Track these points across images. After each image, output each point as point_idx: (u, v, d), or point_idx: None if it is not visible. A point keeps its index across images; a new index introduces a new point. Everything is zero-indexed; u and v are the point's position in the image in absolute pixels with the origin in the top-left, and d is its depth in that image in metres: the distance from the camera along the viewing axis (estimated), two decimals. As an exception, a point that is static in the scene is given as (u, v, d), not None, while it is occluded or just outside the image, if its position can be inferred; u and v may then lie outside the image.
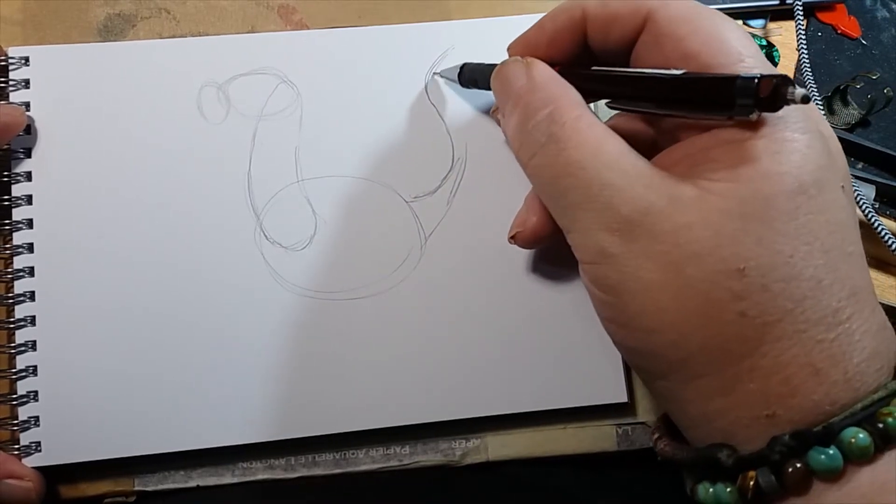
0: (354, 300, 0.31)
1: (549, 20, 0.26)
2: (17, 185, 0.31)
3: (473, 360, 0.31)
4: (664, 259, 0.21)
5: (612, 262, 0.22)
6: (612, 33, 0.25)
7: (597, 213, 0.22)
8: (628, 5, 0.24)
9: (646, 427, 0.32)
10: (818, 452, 0.19)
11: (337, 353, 0.31)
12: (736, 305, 0.20)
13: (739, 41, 0.22)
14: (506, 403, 0.31)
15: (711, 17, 0.23)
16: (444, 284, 0.32)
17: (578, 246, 0.23)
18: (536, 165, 0.24)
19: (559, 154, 0.23)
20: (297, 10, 0.34)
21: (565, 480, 0.32)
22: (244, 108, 0.32)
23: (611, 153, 0.22)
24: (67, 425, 0.30)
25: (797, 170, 0.20)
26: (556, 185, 0.23)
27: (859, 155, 0.38)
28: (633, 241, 0.21)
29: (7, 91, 0.32)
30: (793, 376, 0.20)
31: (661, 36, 0.23)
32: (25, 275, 0.30)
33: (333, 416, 0.30)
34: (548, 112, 0.24)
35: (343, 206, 0.32)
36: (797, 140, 0.21)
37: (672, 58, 0.23)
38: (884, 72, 0.39)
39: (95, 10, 0.33)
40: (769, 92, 0.19)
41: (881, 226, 0.32)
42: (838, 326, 0.20)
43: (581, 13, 0.25)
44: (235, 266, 0.31)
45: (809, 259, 0.20)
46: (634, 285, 0.21)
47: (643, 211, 0.21)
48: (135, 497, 0.30)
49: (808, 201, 0.20)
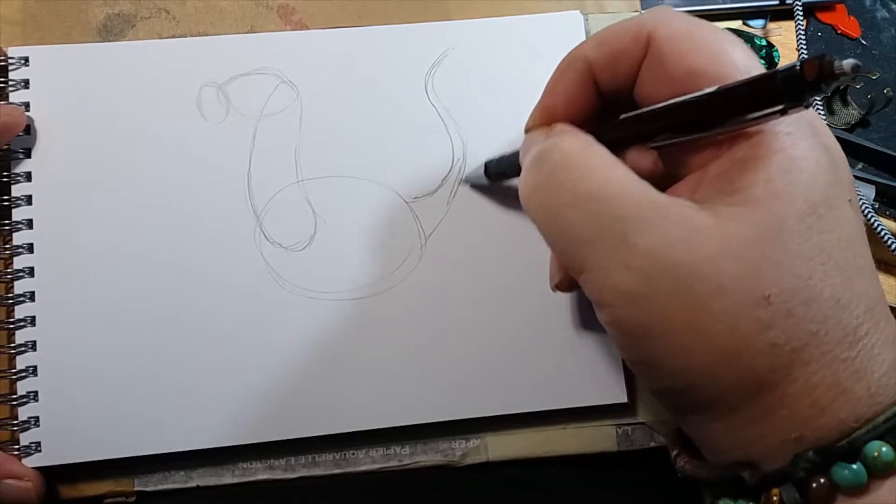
0: (354, 300, 0.31)
1: (556, 82, 0.25)
2: (17, 186, 0.31)
3: (473, 361, 0.31)
4: (689, 295, 0.20)
5: (634, 303, 0.20)
6: (620, 70, 0.24)
7: (611, 249, 0.21)
8: (627, 35, 0.23)
9: (646, 427, 0.32)
10: (842, 468, 0.19)
11: (337, 353, 0.31)
12: (765, 335, 0.20)
13: (743, 53, 0.22)
14: (506, 404, 0.31)
15: (711, 31, 0.23)
16: (444, 284, 0.32)
17: (594, 288, 0.22)
18: (539, 199, 0.23)
19: (563, 184, 0.22)
20: (296, 10, 0.34)
21: (565, 481, 0.32)
22: (244, 108, 0.32)
23: (621, 183, 0.21)
24: (67, 425, 0.30)
25: (808, 189, 0.20)
26: (560, 219, 0.22)
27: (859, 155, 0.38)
28: (655, 280, 0.20)
29: (7, 91, 0.32)
30: (821, 398, 0.20)
31: (663, 56, 0.23)
32: (25, 275, 0.30)
33: (333, 416, 0.30)
34: (553, 144, 0.23)
35: (343, 206, 0.32)
36: (807, 157, 0.20)
37: (677, 77, 0.22)
38: (884, 72, 0.39)
39: (95, 10, 0.33)
40: (815, 73, 0.18)
41: (881, 226, 0.32)
42: (858, 343, 0.20)
43: (584, 63, 0.24)
44: (235, 266, 0.31)
45: (826, 279, 0.20)
46: (659, 329, 0.20)
47: (662, 244, 0.20)
48: (135, 497, 0.30)
49: (819, 220, 0.20)
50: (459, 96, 0.33)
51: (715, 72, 0.21)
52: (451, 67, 0.33)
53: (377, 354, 0.31)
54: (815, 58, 0.18)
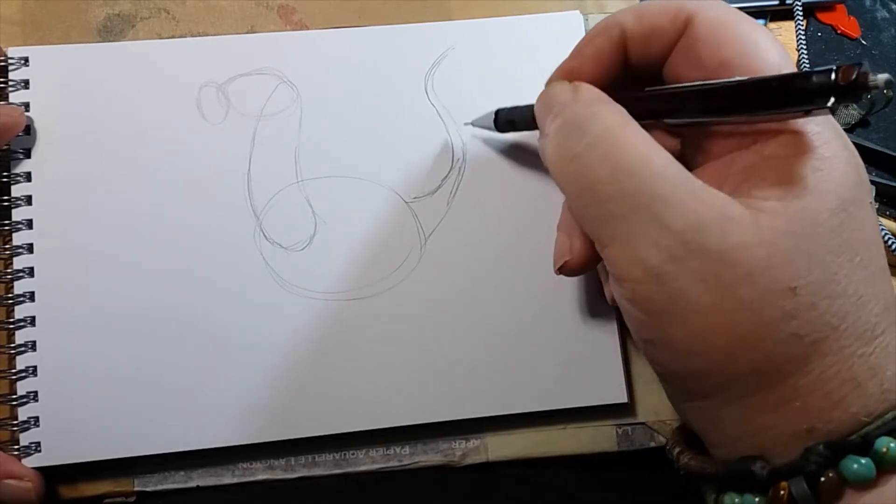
0: (354, 300, 0.31)
1: (587, 45, 0.25)
2: (17, 186, 0.31)
3: (473, 361, 0.31)
4: (717, 280, 0.20)
5: (659, 281, 0.21)
6: (653, 46, 0.24)
7: (644, 226, 0.21)
8: (667, 14, 0.23)
9: (646, 427, 0.32)
10: (852, 461, 0.20)
11: (337, 353, 0.31)
12: (787, 325, 0.20)
13: (777, 50, 0.22)
14: (506, 404, 0.31)
15: (749, 24, 0.23)
16: (444, 284, 0.32)
17: (619, 262, 0.22)
18: (576, 169, 0.22)
19: (605, 157, 0.22)
20: (296, 10, 0.34)
21: (565, 481, 0.32)
22: (244, 109, 0.32)
23: (661, 163, 0.21)
24: (67, 426, 0.30)
25: (839, 187, 0.20)
26: (596, 191, 0.22)
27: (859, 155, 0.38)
28: (683, 260, 0.20)
29: (6, 91, 0.32)
30: (835, 391, 0.20)
31: (699, 41, 0.23)
32: (25, 275, 0.30)
33: (333, 416, 0.30)
34: (593, 113, 0.23)
35: (343, 207, 0.32)
36: (838, 156, 0.21)
37: (709, 64, 0.22)
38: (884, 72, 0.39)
39: (95, 11, 0.33)
40: (850, 80, 0.19)
41: (881, 226, 0.32)
42: (875, 340, 0.20)
43: (619, 32, 0.24)
44: (235, 266, 0.31)
45: (852, 275, 0.20)
46: (682, 307, 0.20)
47: (695, 228, 0.20)
48: (134, 497, 0.30)
49: (849, 217, 0.20)
50: (459, 96, 0.33)
51: (746, 64, 0.22)
52: (451, 67, 0.33)
53: (377, 354, 0.31)
54: (851, 65, 0.19)
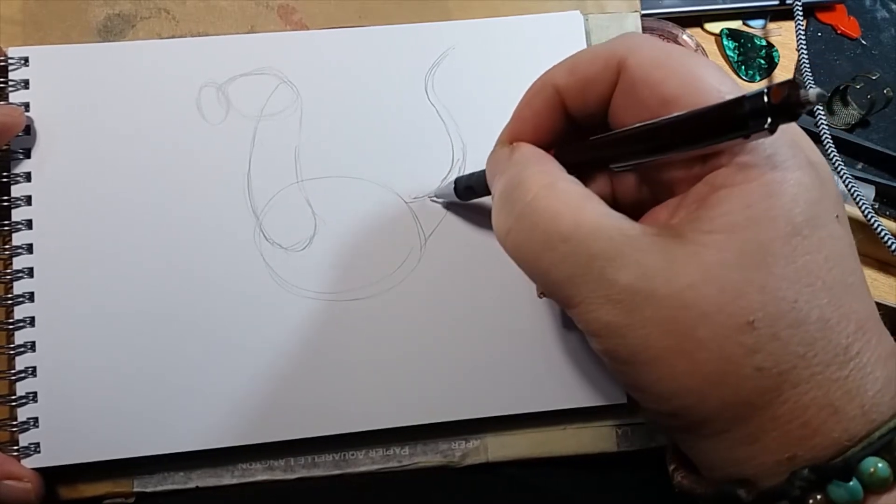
0: (354, 301, 0.31)
1: (525, 107, 0.25)
2: (17, 186, 0.31)
3: (473, 361, 0.31)
4: (672, 325, 0.20)
5: (619, 334, 0.21)
6: (590, 97, 0.24)
7: (592, 286, 0.21)
8: (598, 62, 0.23)
9: (646, 427, 0.32)
10: (838, 486, 0.19)
11: (337, 353, 0.31)
12: (751, 360, 0.20)
13: (715, 78, 0.22)
14: (506, 404, 0.31)
15: (684, 57, 0.22)
16: (444, 284, 0.32)
17: (581, 321, 0.22)
18: (514, 242, 0.23)
19: (535, 227, 0.22)
20: (296, 10, 0.34)
21: (565, 481, 0.32)
22: (244, 109, 0.32)
23: (593, 220, 0.21)
24: (66, 426, 0.30)
25: (790, 212, 0.20)
26: (539, 262, 0.22)
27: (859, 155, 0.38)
28: (637, 311, 0.20)
29: (6, 91, 0.32)
30: (813, 418, 0.20)
31: (636, 84, 0.22)
32: (25, 276, 0.30)
33: (333, 417, 0.30)
34: (521, 181, 0.23)
35: (343, 207, 0.32)
36: (787, 180, 0.20)
37: (650, 104, 0.22)
38: (884, 72, 0.39)
39: (95, 11, 0.33)
40: (781, 99, 0.18)
41: (881, 226, 0.32)
42: (850, 362, 0.20)
43: (553, 89, 0.24)
44: (235, 267, 0.31)
45: (814, 300, 0.20)
46: (646, 355, 0.21)
47: (642, 277, 0.20)
48: (134, 498, 0.30)
49: (803, 241, 0.20)
50: (459, 96, 0.33)
51: (688, 98, 0.21)
52: (451, 68, 0.33)
53: (377, 355, 0.31)
54: (781, 84, 0.18)
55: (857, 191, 0.32)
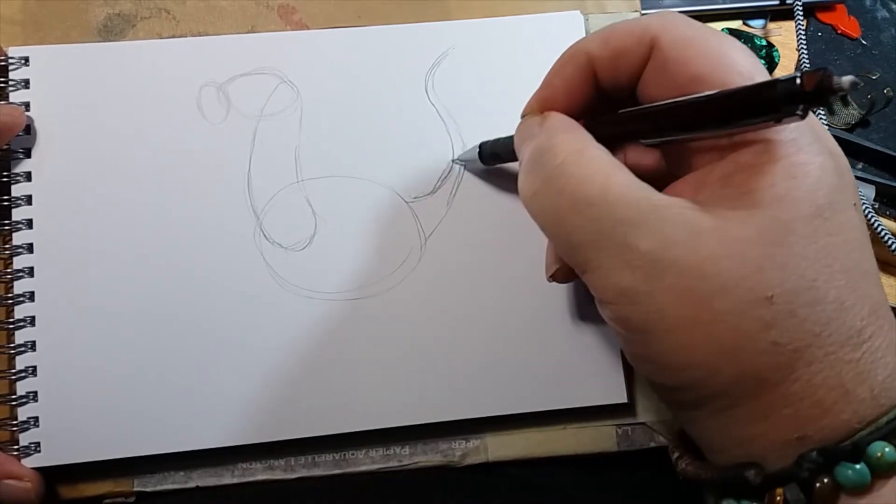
0: (354, 300, 0.31)
1: (555, 75, 0.25)
2: (17, 186, 0.31)
3: (473, 361, 0.31)
4: (690, 294, 0.20)
5: (635, 301, 0.21)
6: (621, 69, 0.24)
7: (613, 250, 0.21)
8: (632, 36, 0.23)
9: (646, 427, 0.32)
10: (846, 468, 0.19)
11: (337, 353, 0.31)
12: (767, 334, 0.20)
13: (747, 60, 0.22)
14: (506, 404, 0.31)
15: (716, 37, 0.23)
16: (444, 284, 0.32)
17: (597, 286, 0.22)
18: (540, 205, 0.23)
19: (562, 190, 0.22)
20: (296, 9, 0.34)
21: (565, 481, 0.32)
22: (244, 108, 0.32)
23: (620, 187, 0.21)
24: (67, 426, 0.30)
25: (813, 193, 0.20)
26: (562, 224, 0.22)
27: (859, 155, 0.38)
28: (656, 279, 0.20)
29: (7, 91, 0.32)
30: (824, 398, 0.20)
31: (667, 61, 0.23)
32: (25, 275, 0.30)
33: (333, 416, 0.30)
34: (551, 146, 0.23)
35: (343, 206, 0.32)
36: (811, 163, 0.21)
37: (681, 82, 0.22)
38: (884, 72, 0.39)
39: (95, 10, 0.33)
40: (814, 85, 0.19)
41: (881, 226, 0.32)
42: (863, 345, 0.20)
43: (586, 58, 0.24)
44: (235, 266, 0.31)
45: (832, 281, 0.20)
46: (662, 324, 0.21)
47: (663, 246, 0.20)
48: (134, 497, 0.30)
49: (824, 223, 0.20)
50: (459, 96, 0.33)
51: (718, 78, 0.21)
52: (450, 67, 0.33)
53: (377, 355, 0.31)
54: (814, 70, 0.19)
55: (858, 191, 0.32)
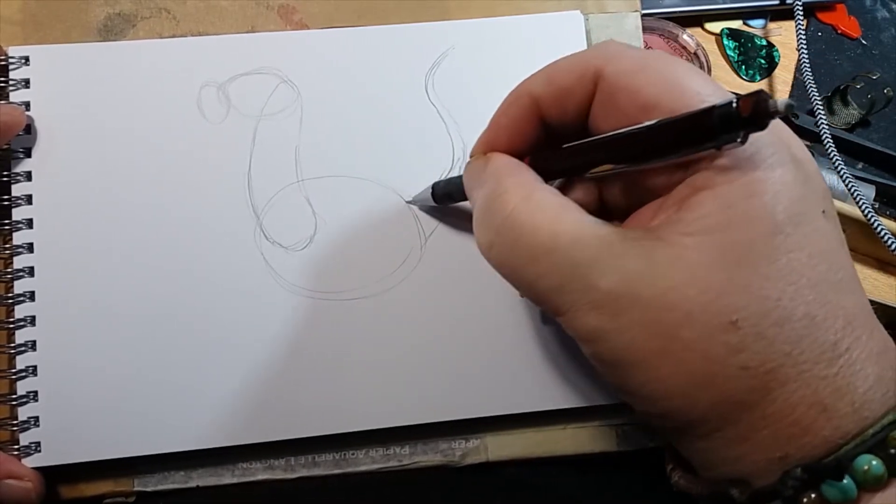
0: (354, 300, 0.31)
1: (501, 115, 0.25)
2: (17, 185, 0.31)
3: (473, 361, 0.31)
4: (657, 326, 0.20)
5: (605, 339, 0.21)
6: (567, 106, 0.24)
7: (576, 293, 0.21)
8: (573, 73, 0.23)
9: (645, 428, 0.32)
10: (831, 485, 0.19)
11: (337, 353, 0.31)
12: (735, 359, 0.20)
13: (696, 81, 0.21)
14: (505, 404, 0.31)
15: (663, 62, 0.22)
16: (444, 285, 0.32)
17: (569, 328, 0.22)
18: (497, 258, 0.23)
19: (516, 243, 0.22)
20: (297, 9, 0.34)
21: (565, 481, 0.32)
22: (244, 108, 0.32)
23: (572, 229, 0.21)
24: (67, 425, 0.30)
25: (771, 210, 0.20)
26: (523, 275, 0.22)
27: (859, 155, 0.38)
28: (621, 315, 0.20)
29: (7, 91, 0.32)
30: (803, 416, 0.20)
31: (615, 92, 0.22)
32: (25, 275, 0.30)
33: (333, 416, 0.30)
34: (498, 194, 0.23)
35: (343, 206, 0.32)
36: (768, 179, 0.20)
37: (630, 112, 0.22)
38: (884, 72, 0.39)
39: (95, 10, 0.33)
40: (750, 110, 0.18)
41: (881, 226, 0.32)
42: (839, 359, 0.20)
43: (529, 99, 0.24)
44: (235, 266, 0.31)
45: (798, 297, 0.20)
46: (632, 357, 0.21)
47: (624, 281, 0.20)
48: (134, 497, 0.30)
49: (785, 240, 0.20)
50: (459, 96, 0.33)
51: (669, 103, 0.21)
52: (451, 67, 0.33)
53: (377, 354, 0.31)
54: (749, 95, 0.18)
55: (858, 191, 0.32)
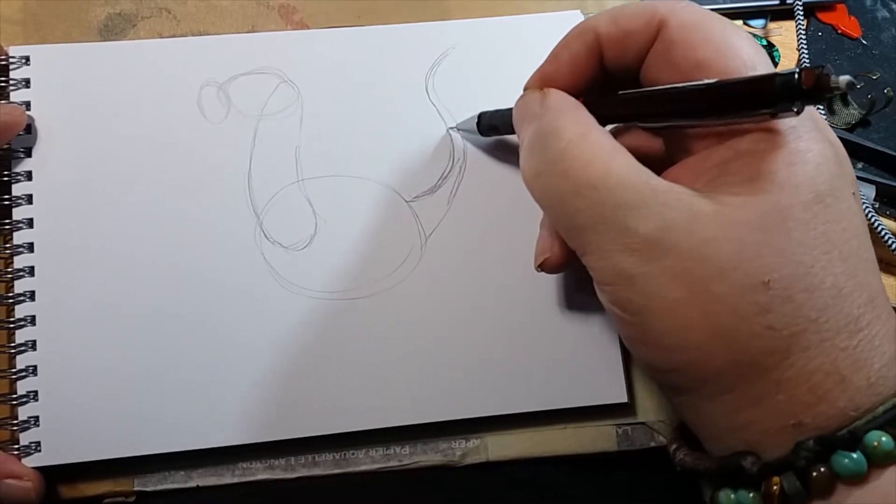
0: (354, 300, 0.31)
1: (563, 49, 0.26)
2: (18, 185, 0.31)
3: (473, 361, 0.31)
4: (688, 276, 0.20)
5: (633, 283, 0.21)
6: (628, 49, 0.24)
7: (613, 233, 0.21)
8: (641, 17, 0.24)
9: (646, 427, 0.32)
10: (842, 457, 0.19)
11: (337, 353, 0.31)
12: (763, 319, 0.20)
13: (750, 49, 0.22)
14: (506, 404, 0.31)
15: (722, 24, 0.23)
16: (444, 284, 0.32)
17: (595, 268, 0.22)
18: (543, 186, 0.23)
19: (566, 173, 0.22)
20: (297, 9, 0.34)
21: (565, 481, 0.32)
22: (245, 108, 0.32)
23: (622, 171, 0.22)
24: (67, 425, 0.30)
25: (812, 180, 0.20)
26: (565, 206, 0.23)
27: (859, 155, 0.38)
28: (654, 261, 0.21)
29: (7, 90, 0.32)
30: (819, 385, 0.20)
31: (673, 43, 0.23)
32: (25, 274, 0.30)
33: (333, 416, 0.30)
34: (556, 128, 0.23)
35: (343, 206, 0.32)
36: (811, 150, 0.21)
37: (684, 67, 0.22)
38: (884, 72, 0.39)
39: (96, 10, 0.33)
40: (812, 83, 0.19)
41: (881, 226, 0.32)
42: (859, 333, 0.20)
43: (594, 36, 0.25)
44: (235, 266, 0.31)
45: (829, 268, 0.20)
46: (659, 305, 0.21)
47: (663, 228, 0.21)
48: (134, 497, 0.30)
49: (824, 210, 0.20)
50: (459, 96, 0.33)
51: (721, 65, 0.22)
52: (451, 67, 0.33)
53: (377, 354, 0.31)
54: (813, 68, 0.19)
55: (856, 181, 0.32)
